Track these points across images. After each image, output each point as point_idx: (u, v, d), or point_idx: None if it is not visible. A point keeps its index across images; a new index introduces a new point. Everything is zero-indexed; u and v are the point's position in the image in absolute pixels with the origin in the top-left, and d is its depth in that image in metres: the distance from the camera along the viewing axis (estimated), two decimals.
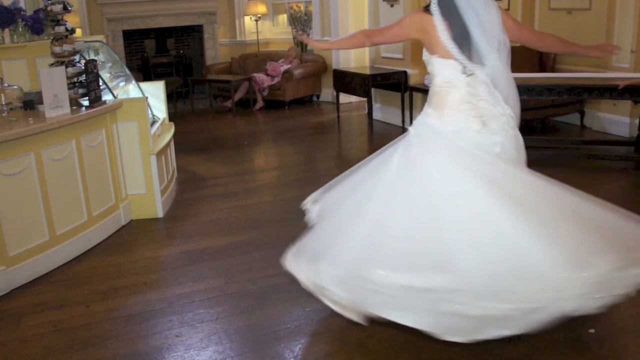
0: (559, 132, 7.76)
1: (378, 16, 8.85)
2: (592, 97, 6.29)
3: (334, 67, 10.01)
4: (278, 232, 4.87)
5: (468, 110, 3.14)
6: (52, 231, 4.35)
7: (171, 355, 3.29)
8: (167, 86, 6.87)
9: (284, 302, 3.76)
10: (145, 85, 6.15)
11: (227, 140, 8.52)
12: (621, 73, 6.62)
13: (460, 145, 3.09)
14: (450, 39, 3.09)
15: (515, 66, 3.33)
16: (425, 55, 3.27)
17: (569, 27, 7.81)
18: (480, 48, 3.06)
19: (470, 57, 3.10)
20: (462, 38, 3.07)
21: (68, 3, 4.72)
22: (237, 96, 10.53)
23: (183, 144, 7.58)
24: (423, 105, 3.39)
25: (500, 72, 3.12)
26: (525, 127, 3.94)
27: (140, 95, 5.62)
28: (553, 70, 7.83)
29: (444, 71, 3.17)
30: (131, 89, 5.88)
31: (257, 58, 11.29)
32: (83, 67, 4.77)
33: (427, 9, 3.18)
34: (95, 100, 4.80)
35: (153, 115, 5.82)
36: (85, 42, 5.68)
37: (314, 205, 3.63)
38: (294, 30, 11.26)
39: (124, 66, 6.25)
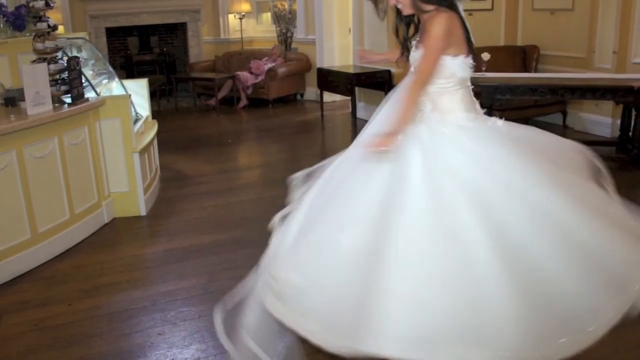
0: None
1: (362, 15, 8.87)
2: (574, 98, 6.35)
3: (318, 65, 10.02)
4: (262, 230, 4.82)
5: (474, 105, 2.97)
6: (34, 229, 4.32)
7: (154, 353, 3.28)
8: (151, 84, 6.84)
9: None
10: (128, 82, 6.12)
11: (211, 139, 8.50)
12: (603, 74, 6.68)
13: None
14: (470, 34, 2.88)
15: (499, 66, 3.34)
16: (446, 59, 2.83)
17: (551, 28, 7.87)
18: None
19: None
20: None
21: None
22: (221, 94, 10.50)
23: (166, 141, 7.54)
24: None
25: None
26: None
27: (124, 92, 5.59)
28: (536, 71, 7.88)
29: (461, 70, 2.86)
30: (114, 87, 5.84)
31: (241, 56, 11.27)
32: (65, 64, 4.73)
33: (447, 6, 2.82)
34: (78, 98, 4.77)
35: (136, 113, 5.79)
36: (68, 39, 5.65)
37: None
38: (277, 28, 11.24)
39: (107, 63, 6.21)
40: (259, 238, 4.60)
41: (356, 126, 8.66)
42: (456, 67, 2.83)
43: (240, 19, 11.59)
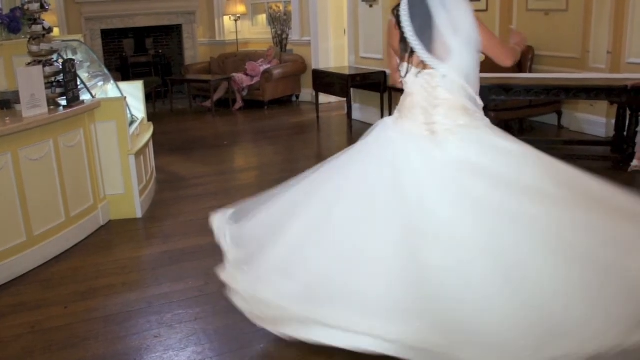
0: (536, 132, 7.83)
1: (357, 17, 8.88)
2: (569, 98, 6.35)
3: (314, 67, 10.04)
4: None
5: (418, 115, 2.98)
6: (30, 232, 4.31)
7: (150, 356, 3.27)
8: (146, 86, 6.84)
9: None
10: (123, 85, 6.12)
11: (207, 140, 8.50)
12: (597, 74, 6.70)
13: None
14: (415, 37, 2.87)
15: (493, 67, 3.31)
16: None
17: (546, 28, 7.89)
18: (450, 45, 2.84)
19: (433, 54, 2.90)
20: (424, 34, 2.87)
21: (45, 2, 4.67)
22: (217, 96, 10.50)
23: (162, 144, 7.54)
24: None
25: (472, 68, 2.93)
26: (504, 128, 3.95)
27: (119, 95, 5.59)
28: (531, 71, 7.90)
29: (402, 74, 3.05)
30: (109, 89, 5.84)
31: (236, 58, 11.27)
32: (61, 67, 4.73)
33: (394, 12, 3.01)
34: (73, 100, 4.76)
35: (132, 115, 5.79)
36: (63, 41, 5.64)
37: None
38: (272, 30, 11.25)
39: (102, 66, 6.21)
40: None
41: (352, 127, 8.67)
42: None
43: (236, 20, 11.59)
